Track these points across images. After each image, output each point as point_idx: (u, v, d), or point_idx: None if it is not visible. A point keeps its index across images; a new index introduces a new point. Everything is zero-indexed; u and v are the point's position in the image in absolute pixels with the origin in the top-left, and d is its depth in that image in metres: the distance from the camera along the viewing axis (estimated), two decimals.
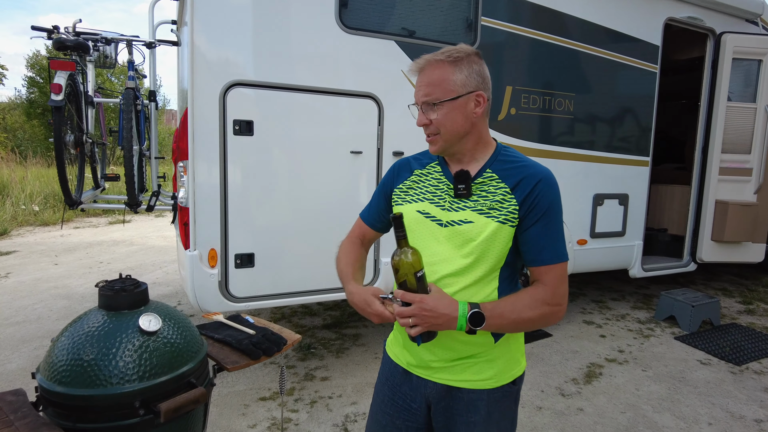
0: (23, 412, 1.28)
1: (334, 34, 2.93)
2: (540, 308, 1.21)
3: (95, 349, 1.31)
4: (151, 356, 1.34)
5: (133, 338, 1.34)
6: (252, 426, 2.79)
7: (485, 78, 1.25)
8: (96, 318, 1.39)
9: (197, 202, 2.69)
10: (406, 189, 1.38)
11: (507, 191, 1.23)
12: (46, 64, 22.88)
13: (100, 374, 1.28)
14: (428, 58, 1.24)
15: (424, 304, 1.12)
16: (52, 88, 2.77)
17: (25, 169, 10.78)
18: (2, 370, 3.45)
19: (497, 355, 1.29)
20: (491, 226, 1.22)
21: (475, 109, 1.24)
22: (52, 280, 5.65)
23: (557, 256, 1.23)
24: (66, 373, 1.29)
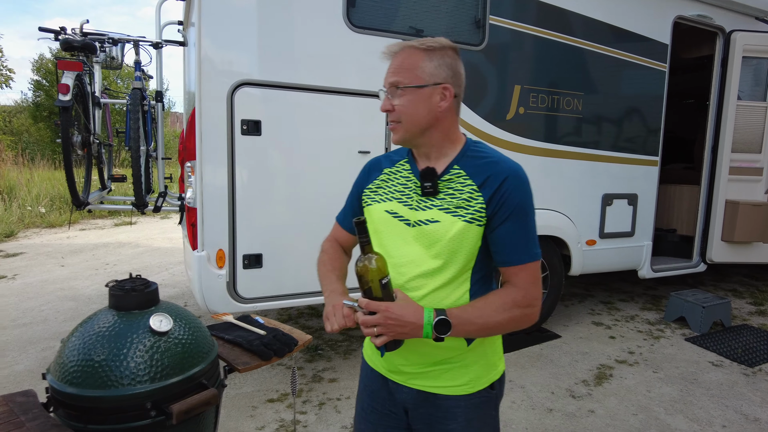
0: (34, 413, 1.26)
1: (341, 33, 2.92)
2: (510, 311, 1.15)
3: (106, 349, 1.29)
4: (163, 357, 1.32)
5: (144, 338, 1.32)
6: (260, 428, 2.77)
7: (457, 73, 1.21)
8: (106, 318, 1.38)
9: (205, 202, 2.68)
10: (375, 188, 1.33)
11: (474, 188, 1.18)
12: (51, 67, 23.01)
13: (111, 375, 1.26)
14: (403, 43, 1.21)
15: (389, 312, 1.07)
16: (60, 88, 2.76)
17: (32, 172, 10.82)
18: (10, 371, 3.44)
19: (472, 360, 1.25)
20: (458, 225, 1.16)
21: (440, 103, 1.18)
22: (59, 282, 5.66)
23: (528, 256, 1.18)
24: (77, 374, 1.27)
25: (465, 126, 3.41)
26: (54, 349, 3.82)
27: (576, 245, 4.04)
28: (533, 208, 1.19)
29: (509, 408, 3.01)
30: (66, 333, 4.07)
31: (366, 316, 1.08)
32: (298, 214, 2.89)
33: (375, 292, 1.10)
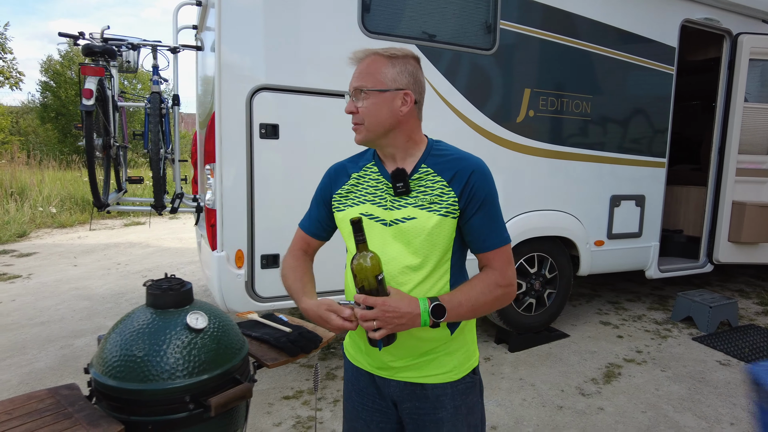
0: (80, 405, 1.33)
1: (356, 38, 2.99)
2: (494, 291, 1.25)
3: (146, 345, 1.36)
4: (199, 353, 1.39)
5: (181, 335, 1.39)
6: (277, 424, 2.84)
7: (417, 81, 1.28)
8: (144, 316, 1.44)
9: (225, 204, 2.75)
10: (345, 193, 1.37)
11: (444, 184, 1.26)
12: (59, 68, 23.18)
13: (152, 369, 1.33)
14: (368, 50, 1.28)
15: (386, 306, 1.13)
16: (84, 93, 2.84)
17: (42, 172, 10.94)
18: (31, 368, 3.53)
19: (455, 348, 1.33)
20: (434, 219, 1.23)
21: (401, 107, 1.25)
22: (72, 282, 5.75)
23: (501, 240, 1.28)
24: (119, 368, 1.34)
25: (476, 129, 3.48)
26: (72, 347, 3.91)
27: (584, 246, 4.09)
28: (498, 197, 1.30)
29: (520, 405, 3.07)
30: (83, 332, 4.17)
31: (365, 311, 1.14)
32: None
33: (369, 288, 1.15)
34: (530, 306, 4.00)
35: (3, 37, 15.15)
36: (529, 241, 3.81)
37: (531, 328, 4.02)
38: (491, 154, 3.54)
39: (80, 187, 10.85)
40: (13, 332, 4.18)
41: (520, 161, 3.69)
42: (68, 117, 23.38)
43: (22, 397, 1.37)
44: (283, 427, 2.81)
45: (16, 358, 3.68)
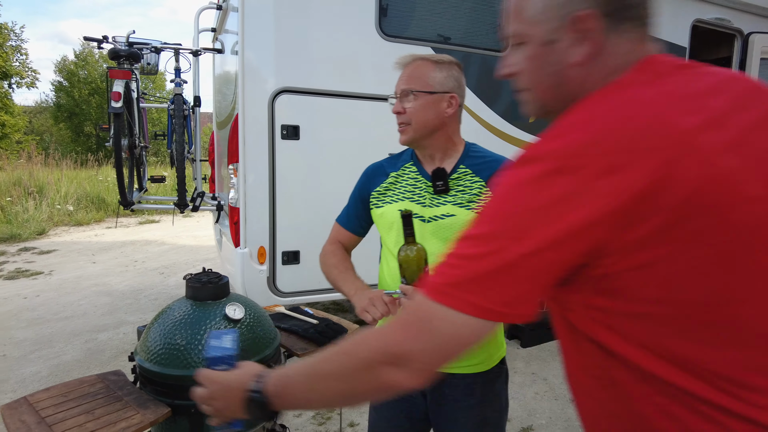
0: (128, 389, 1.44)
1: (374, 41, 3.07)
2: None
3: (187, 334, 1.46)
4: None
5: (220, 325, 1.49)
6: (297, 415, 2.94)
7: (462, 85, 1.37)
8: (185, 307, 1.54)
9: (248, 202, 2.86)
10: (384, 191, 1.44)
11: (482, 185, 1.33)
12: (73, 68, 23.50)
13: (193, 356, 1.43)
14: (414, 55, 1.37)
15: None
16: (112, 96, 2.95)
17: (60, 171, 11.14)
18: (59, 361, 3.66)
19: (487, 339, 1.38)
20: (471, 216, 1.28)
21: (447, 109, 1.33)
22: (92, 278, 5.89)
23: None
24: (163, 355, 1.44)
25: (489, 129, 3.55)
26: (96, 341, 4.04)
27: None
28: None
29: (533, 399, 3.15)
30: (105, 326, 4.31)
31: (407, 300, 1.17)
32: (333, 213, 3.01)
33: (416, 280, 1.19)
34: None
35: (19, 38, 15.39)
36: None
37: (543, 324, 4.08)
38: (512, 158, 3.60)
39: (95, 185, 11.04)
40: (40, 326, 4.32)
41: None
42: (81, 116, 23.72)
43: (75, 381, 1.47)
44: (303, 418, 2.90)
45: (45, 351, 3.82)
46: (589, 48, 0.69)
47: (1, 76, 14.39)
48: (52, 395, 1.40)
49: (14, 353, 3.78)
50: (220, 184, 4.30)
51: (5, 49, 14.64)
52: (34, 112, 28.80)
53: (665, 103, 0.62)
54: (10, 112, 15.10)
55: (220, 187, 4.34)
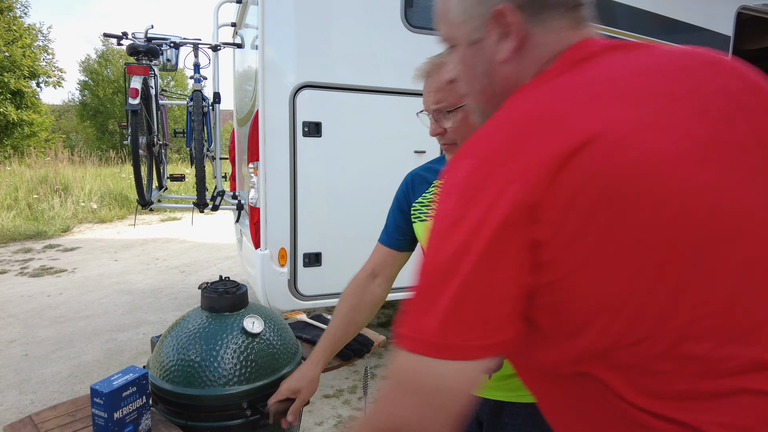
0: None
1: (399, 33, 2.93)
2: None
3: (202, 349, 1.35)
4: (256, 357, 1.37)
5: (237, 339, 1.37)
6: (319, 423, 2.83)
7: None
8: (200, 319, 1.43)
9: (268, 202, 2.75)
10: (427, 203, 1.27)
11: None
12: (97, 68, 23.90)
13: (209, 374, 1.32)
14: (435, 60, 1.11)
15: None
16: (130, 92, 2.87)
17: (85, 169, 11.29)
18: (80, 361, 3.62)
19: None
20: None
21: None
22: (114, 276, 5.90)
23: None
24: (176, 373, 1.33)
25: None
26: (116, 341, 4.00)
27: None
28: None
29: None
30: (125, 326, 4.27)
31: None
32: (356, 213, 2.93)
33: None
34: None
35: (46, 38, 15.67)
36: None
37: None
38: None
39: (118, 182, 11.16)
40: (62, 325, 4.31)
41: None
42: (105, 115, 24.14)
43: (84, 398, 1.37)
44: (325, 427, 2.80)
45: (65, 351, 3.79)
46: (513, 43, 0.65)
47: (29, 75, 14.65)
48: (58, 414, 1.30)
49: (36, 352, 3.77)
50: (241, 182, 4.21)
51: (33, 49, 14.90)
52: (61, 111, 29.45)
53: (569, 94, 0.59)
54: (38, 111, 15.38)
55: (240, 185, 4.25)
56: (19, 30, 14.44)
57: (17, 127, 14.48)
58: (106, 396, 1.10)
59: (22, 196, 9.32)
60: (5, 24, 14.13)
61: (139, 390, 1.17)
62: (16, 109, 14.25)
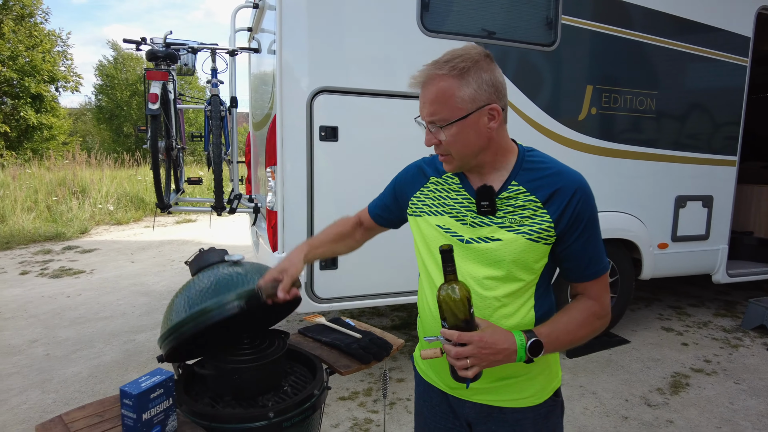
0: None
1: (415, 37, 2.94)
2: (592, 324, 1.15)
3: (207, 297, 1.42)
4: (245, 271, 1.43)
5: (225, 270, 1.50)
6: (335, 425, 2.84)
7: (498, 86, 1.10)
8: (194, 280, 1.50)
9: (285, 206, 2.77)
10: (423, 198, 1.27)
11: (538, 206, 1.11)
12: (113, 72, 24.26)
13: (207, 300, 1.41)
14: (430, 71, 1.09)
15: (483, 342, 1.01)
16: (150, 97, 2.92)
17: (102, 171, 11.46)
18: (99, 361, 3.68)
19: (538, 372, 1.22)
20: (520, 243, 1.11)
21: (489, 124, 1.09)
22: (131, 277, 5.98)
23: (603, 268, 1.16)
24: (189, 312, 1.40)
25: (538, 128, 3.37)
26: (134, 342, 4.06)
27: (647, 248, 3.91)
28: (598, 217, 1.16)
29: (582, 414, 2.96)
30: (143, 327, 4.33)
31: (459, 348, 1.01)
32: None
33: (457, 323, 1.03)
34: None
35: (65, 44, 15.95)
36: None
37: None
38: (556, 156, 3.42)
39: (134, 185, 11.30)
40: (81, 326, 4.38)
41: (583, 161, 3.56)
42: (121, 118, 24.48)
43: (111, 399, 1.40)
44: (341, 429, 2.81)
45: (85, 351, 3.86)
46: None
47: (49, 80, 14.92)
48: (87, 414, 1.34)
49: (57, 353, 3.83)
50: (257, 185, 4.25)
51: (52, 54, 15.19)
52: (78, 115, 29.90)
53: None
54: (57, 114, 15.65)
55: (257, 188, 4.29)
56: (40, 36, 14.73)
57: (37, 131, 14.76)
58: (134, 398, 1.12)
59: (42, 198, 9.49)
60: (27, 30, 14.41)
61: (166, 392, 1.20)
62: (35, 112, 14.52)
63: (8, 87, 14.27)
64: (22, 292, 5.33)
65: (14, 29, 13.99)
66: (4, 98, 14.34)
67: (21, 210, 8.91)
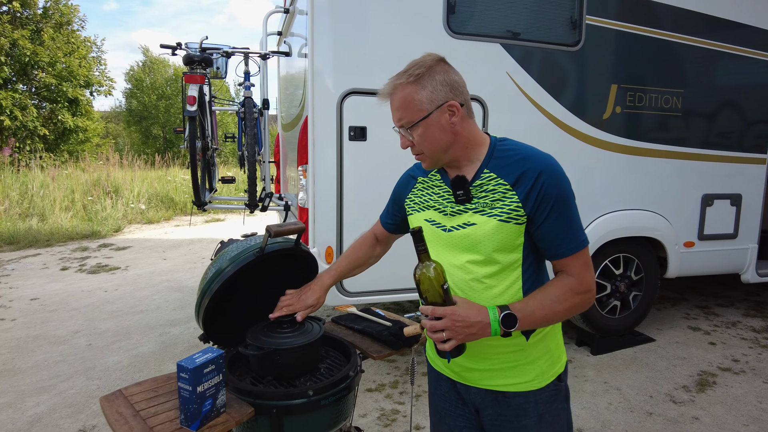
0: None
1: (442, 40, 3.03)
2: (570, 299, 1.19)
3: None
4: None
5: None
6: (362, 415, 2.94)
7: (454, 84, 1.21)
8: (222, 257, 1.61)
9: (316, 203, 2.89)
10: (414, 198, 1.40)
11: (507, 188, 1.19)
12: (141, 75, 24.94)
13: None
14: (392, 82, 1.23)
15: (455, 315, 1.09)
16: (188, 100, 3.08)
17: (134, 172, 11.83)
18: (137, 352, 3.87)
19: (537, 356, 1.27)
20: (491, 224, 1.19)
21: (451, 120, 1.20)
22: (164, 274, 6.20)
23: (577, 244, 1.20)
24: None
25: (563, 127, 3.41)
26: (169, 334, 4.24)
27: (673, 247, 3.90)
28: (573, 195, 1.20)
29: (606, 409, 3.00)
30: (177, 321, 4.51)
31: (433, 321, 1.10)
32: None
33: (435, 299, 1.13)
34: (614, 308, 3.87)
35: (99, 50, 16.53)
36: (615, 242, 3.69)
37: (615, 331, 3.89)
38: (581, 154, 3.47)
39: (164, 185, 11.64)
40: (119, 319, 4.59)
41: (608, 159, 3.58)
42: (149, 120, 25.15)
43: (163, 377, 1.53)
44: (369, 419, 2.91)
45: (124, 342, 4.05)
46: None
47: (84, 84, 15.50)
48: (143, 389, 1.46)
49: (98, 343, 4.04)
50: (286, 184, 4.39)
51: (88, 60, 15.76)
52: (109, 118, 30.80)
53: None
54: (91, 117, 16.23)
55: (285, 187, 4.43)
56: (77, 42, 15.33)
57: (73, 133, 15.35)
58: (190, 371, 1.24)
59: (78, 198, 9.87)
60: (64, 37, 15.00)
61: (217, 368, 1.31)
62: (72, 116, 15.09)
63: (47, 92, 14.86)
64: (64, 287, 5.60)
65: (53, 36, 14.56)
66: (43, 103, 14.94)
67: (60, 209, 9.30)
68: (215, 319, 1.60)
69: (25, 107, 13.85)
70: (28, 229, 8.30)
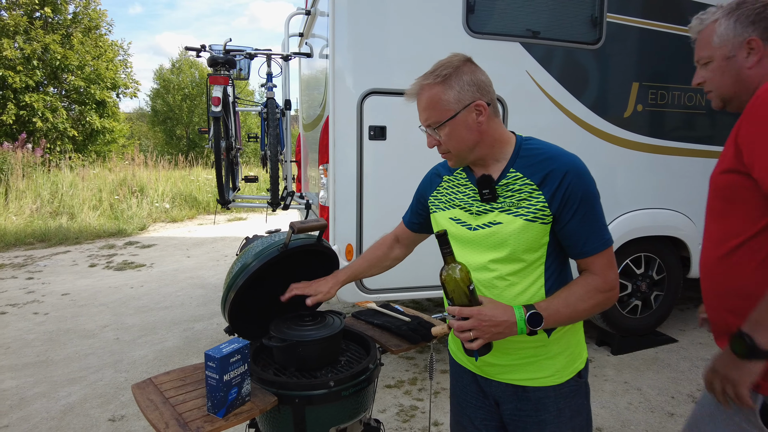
0: None
1: (461, 39, 3.05)
2: (594, 297, 1.21)
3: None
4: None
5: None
6: (381, 411, 2.99)
7: (480, 84, 1.23)
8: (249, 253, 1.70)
9: (337, 201, 2.94)
10: (439, 196, 1.42)
11: (534, 188, 1.21)
12: (170, 77, 25.47)
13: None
14: (420, 82, 1.26)
15: (482, 315, 1.13)
16: (213, 101, 3.16)
17: (158, 172, 12.10)
18: (162, 347, 3.98)
19: (557, 351, 1.29)
20: (518, 223, 1.21)
21: (478, 119, 1.23)
22: (188, 271, 6.35)
23: (602, 243, 1.22)
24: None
25: (584, 126, 3.40)
26: (193, 330, 4.35)
27: (696, 246, 3.85)
28: (598, 195, 1.23)
29: (626, 409, 2.98)
30: (201, 317, 4.62)
31: (461, 322, 1.14)
32: None
33: (462, 300, 1.15)
34: (635, 308, 3.84)
35: (126, 53, 16.94)
36: (637, 241, 3.66)
37: (636, 331, 3.86)
38: (601, 153, 3.45)
39: (188, 184, 11.88)
40: (145, 314, 4.73)
41: (630, 158, 3.55)
42: (174, 121, 25.65)
43: (190, 367, 1.59)
44: (388, 414, 2.95)
45: (149, 337, 4.17)
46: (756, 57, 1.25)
47: (111, 87, 15.92)
48: (172, 378, 1.53)
49: (125, 337, 4.17)
50: (306, 183, 4.46)
51: (115, 63, 16.19)
52: (133, 119, 31.48)
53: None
54: (117, 119, 16.65)
55: (306, 186, 4.50)
56: (104, 46, 15.75)
57: (100, 134, 15.77)
58: (217, 360, 1.29)
59: (105, 197, 10.15)
60: (93, 41, 15.42)
61: (242, 358, 1.36)
62: (99, 117, 15.51)
63: (76, 95, 15.30)
64: (92, 283, 5.78)
65: (82, 41, 14.98)
66: (72, 105, 15.38)
67: (88, 208, 9.57)
68: (240, 312, 1.66)
69: (55, 109, 14.29)
70: (59, 227, 8.57)
